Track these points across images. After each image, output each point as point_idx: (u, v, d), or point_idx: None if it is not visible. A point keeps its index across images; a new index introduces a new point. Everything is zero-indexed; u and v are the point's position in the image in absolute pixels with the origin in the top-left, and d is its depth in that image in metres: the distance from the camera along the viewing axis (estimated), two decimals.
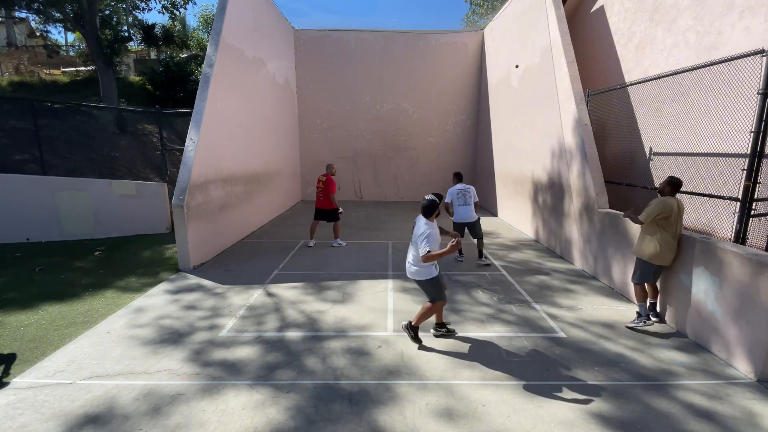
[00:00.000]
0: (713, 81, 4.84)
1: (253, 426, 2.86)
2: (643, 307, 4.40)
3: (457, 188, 6.60)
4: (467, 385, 3.37)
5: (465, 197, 6.51)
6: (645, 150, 6.47)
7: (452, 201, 6.55)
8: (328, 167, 7.62)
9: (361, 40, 13.54)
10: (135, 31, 19.10)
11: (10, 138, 10.15)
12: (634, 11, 7.04)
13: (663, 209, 4.18)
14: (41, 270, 6.34)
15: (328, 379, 3.43)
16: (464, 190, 6.55)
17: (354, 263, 6.77)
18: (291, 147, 13.00)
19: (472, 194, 6.55)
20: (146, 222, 8.73)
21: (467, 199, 6.50)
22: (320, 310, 4.85)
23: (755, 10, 4.83)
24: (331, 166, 7.62)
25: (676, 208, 4.20)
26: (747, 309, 3.51)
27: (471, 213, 6.50)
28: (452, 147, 14.33)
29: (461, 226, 6.53)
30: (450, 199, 6.56)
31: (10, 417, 2.95)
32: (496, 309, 4.93)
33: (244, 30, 8.70)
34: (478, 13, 22.77)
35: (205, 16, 27.33)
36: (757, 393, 3.28)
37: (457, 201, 6.52)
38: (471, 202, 6.50)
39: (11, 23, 23.88)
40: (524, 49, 9.43)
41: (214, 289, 5.54)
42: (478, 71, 13.78)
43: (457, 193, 6.54)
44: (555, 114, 7.61)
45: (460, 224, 6.53)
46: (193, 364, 3.67)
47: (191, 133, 6.70)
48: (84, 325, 4.46)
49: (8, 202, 7.83)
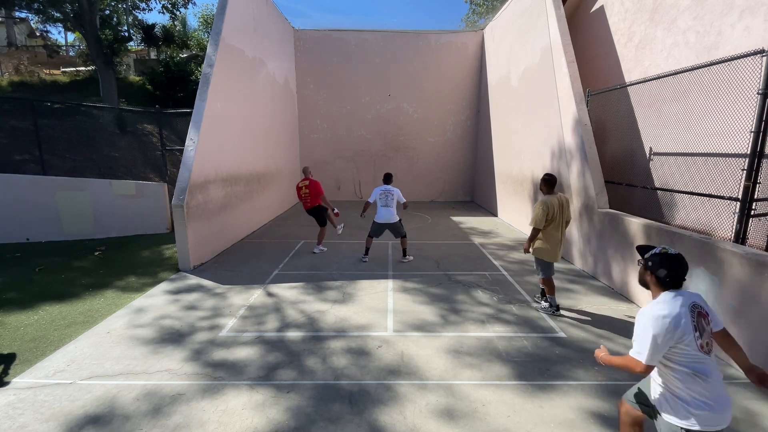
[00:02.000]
0: (713, 81, 4.84)
1: (254, 426, 2.86)
2: (553, 298, 4.72)
3: (381, 189, 6.75)
4: (467, 385, 3.37)
5: (387, 198, 6.69)
6: (645, 150, 6.47)
7: (375, 201, 6.73)
8: (306, 170, 7.29)
9: (361, 40, 13.54)
10: (135, 31, 19.08)
11: (10, 138, 10.15)
12: (634, 11, 7.04)
13: (547, 209, 4.43)
14: (41, 270, 6.34)
15: (329, 379, 3.43)
16: (387, 191, 6.72)
17: (354, 263, 6.77)
18: (291, 147, 13.00)
19: (395, 196, 6.70)
20: (146, 222, 8.73)
21: (389, 200, 6.68)
22: (320, 310, 4.85)
23: (755, 10, 4.83)
24: (307, 170, 7.31)
25: (557, 204, 4.45)
26: (747, 309, 3.51)
27: (392, 214, 6.66)
28: (452, 147, 14.34)
29: (381, 226, 6.73)
30: (373, 199, 6.74)
31: (10, 417, 2.95)
32: (496, 309, 4.93)
33: (244, 30, 8.70)
34: (478, 13, 22.78)
35: (205, 16, 27.31)
36: (757, 393, 3.27)
37: (380, 201, 6.71)
38: (392, 204, 6.68)
39: (11, 23, 23.88)
40: (524, 49, 9.43)
41: (214, 289, 5.54)
42: (478, 71, 13.78)
43: (380, 193, 6.72)
44: (555, 114, 7.61)
45: (380, 224, 6.72)
46: (194, 364, 3.67)
47: (191, 133, 6.70)
48: (84, 325, 4.47)
49: (8, 202, 7.83)
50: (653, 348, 1.83)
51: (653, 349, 1.83)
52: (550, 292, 4.76)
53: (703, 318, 1.90)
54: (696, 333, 1.84)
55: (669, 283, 1.93)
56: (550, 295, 4.75)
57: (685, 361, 1.85)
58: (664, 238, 4.58)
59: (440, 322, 4.56)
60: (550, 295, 4.75)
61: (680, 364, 1.86)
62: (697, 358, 1.84)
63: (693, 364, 1.84)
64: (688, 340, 1.83)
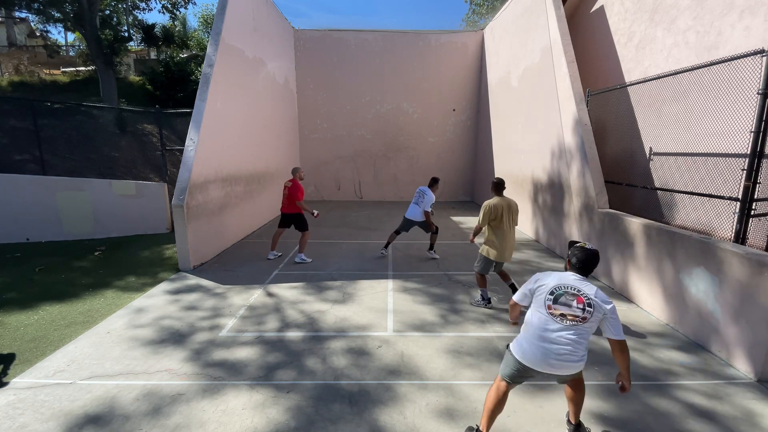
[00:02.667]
0: (713, 81, 4.84)
1: (254, 426, 2.86)
2: (485, 291, 5.00)
3: (420, 188, 6.94)
4: (467, 385, 3.37)
5: (417, 197, 6.86)
6: (645, 150, 6.47)
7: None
8: (294, 171, 6.83)
9: (361, 40, 13.54)
10: (135, 31, 19.07)
11: (10, 138, 10.14)
12: (634, 11, 7.04)
13: (491, 211, 4.70)
14: (41, 270, 6.34)
15: (329, 379, 3.43)
16: (420, 192, 6.85)
17: (354, 263, 6.77)
18: (291, 147, 12.99)
19: (424, 199, 6.74)
20: (146, 222, 8.73)
21: (418, 199, 6.83)
22: (320, 310, 4.85)
23: (755, 10, 4.83)
24: (298, 170, 6.85)
25: (503, 207, 4.68)
26: (747, 309, 3.51)
27: (416, 213, 6.82)
28: (452, 147, 14.34)
29: (406, 221, 6.96)
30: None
31: (10, 417, 2.95)
32: (496, 309, 4.93)
33: (244, 30, 8.70)
34: (478, 13, 22.78)
35: (205, 16, 27.31)
36: (757, 393, 3.28)
37: (413, 198, 6.96)
38: (420, 203, 6.77)
39: (11, 23, 23.88)
40: (524, 49, 9.43)
41: (214, 289, 5.54)
42: (478, 71, 13.78)
43: (416, 191, 6.96)
44: (555, 114, 7.61)
45: (405, 219, 6.96)
46: (194, 364, 3.67)
47: (191, 133, 6.70)
48: (84, 325, 4.47)
49: (8, 202, 7.83)
50: (522, 293, 2.63)
51: (522, 294, 2.63)
52: (481, 285, 5.01)
53: (577, 299, 2.38)
54: (551, 299, 2.43)
55: (576, 267, 2.50)
56: (482, 288, 5.01)
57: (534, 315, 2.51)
58: (664, 237, 4.58)
59: (440, 322, 4.57)
60: (482, 288, 5.01)
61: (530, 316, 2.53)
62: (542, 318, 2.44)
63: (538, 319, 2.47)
64: (540, 300, 2.47)
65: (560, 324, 2.38)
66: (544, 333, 2.41)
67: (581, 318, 2.35)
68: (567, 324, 2.37)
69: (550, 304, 2.42)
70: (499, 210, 4.68)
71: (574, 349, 2.37)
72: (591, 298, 2.36)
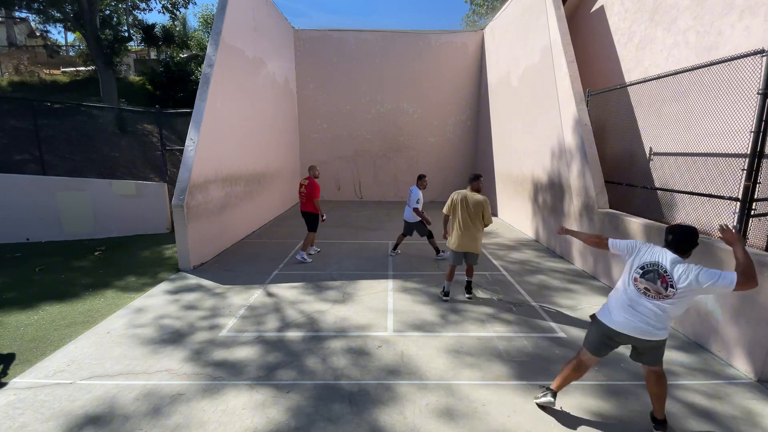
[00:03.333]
0: (713, 81, 4.84)
1: (254, 426, 2.86)
2: (449, 285, 5.17)
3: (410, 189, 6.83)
4: (467, 385, 3.37)
5: (408, 197, 6.78)
6: (645, 150, 6.47)
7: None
8: (310, 169, 6.94)
9: (361, 40, 13.54)
10: (135, 31, 19.07)
11: (10, 138, 10.14)
12: (634, 11, 7.04)
13: (449, 201, 4.97)
14: (41, 270, 6.34)
15: (329, 379, 3.43)
16: (409, 191, 6.75)
17: (354, 263, 6.77)
18: (291, 147, 13.00)
19: (412, 196, 6.67)
20: (146, 222, 8.73)
21: (408, 199, 6.77)
22: (320, 310, 4.85)
23: (755, 10, 4.83)
24: (313, 168, 6.94)
25: (458, 198, 4.85)
26: (747, 309, 3.51)
27: (408, 213, 6.82)
28: (452, 147, 14.34)
29: (405, 223, 6.97)
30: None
31: (10, 417, 2.95)
32: (496, 309, 4.93)
33: (244, 30, 8.70)
34: (478, 13, 22.78)
35: (205, 16, 27.30)
36: (757, 393, 3.28)
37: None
38: (410, 203, 6.73)
39: (11, 23, 23.88)
40: (524, 49, 9.43)
41: (214, 289, 5.54)
42: (478, 71, 13.78)
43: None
44: (555, 114, 7.61)
45: (405, 222, 6.98)
46: (194, 364, 3.67)
47: (191, 133, 6.70)
48: (84, 325, 4.47)
49: (8, 202, 7.83)
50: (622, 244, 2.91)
51: (621, 245, 2.92)
52: (447, 278, 5.18)
53: (662, 279, 2.55)
54: (639, 272, 2.68)
55: (672, 245, 2.66)
56: (447, 281, 5.18)
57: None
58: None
59: (440, 322, 4.57)
60: (447, 281, 5.18)
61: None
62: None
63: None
64: (631, 270, 2.75)
65: (643, 296, 2.61)
66: (629, 301, 2.66)
67: (664, 295, 2.54)
68: (650, 297, 2.59)
69: (637, 276, 2.65)
70: (454, 200, 4.92)
71: (653, 320, 2.58)
72: (674, 281, 2.50)
